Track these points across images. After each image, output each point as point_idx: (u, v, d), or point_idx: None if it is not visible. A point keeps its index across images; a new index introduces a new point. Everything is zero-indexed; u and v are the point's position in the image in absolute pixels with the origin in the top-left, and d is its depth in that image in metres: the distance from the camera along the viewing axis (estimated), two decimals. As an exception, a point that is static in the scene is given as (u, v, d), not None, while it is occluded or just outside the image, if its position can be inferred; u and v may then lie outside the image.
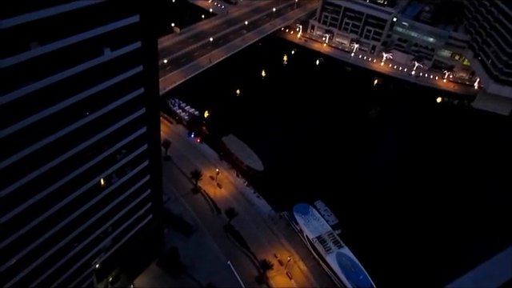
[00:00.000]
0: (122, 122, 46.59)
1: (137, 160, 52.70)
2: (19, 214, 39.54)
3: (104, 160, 47.04)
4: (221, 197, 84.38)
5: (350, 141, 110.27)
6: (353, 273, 68.67)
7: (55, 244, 46.42)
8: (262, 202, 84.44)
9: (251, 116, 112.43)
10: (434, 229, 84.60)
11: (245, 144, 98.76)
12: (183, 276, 66.02)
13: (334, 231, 76.92)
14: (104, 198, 50.20)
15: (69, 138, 40.57)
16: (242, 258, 72.19)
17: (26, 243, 42.58)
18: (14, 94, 33.24)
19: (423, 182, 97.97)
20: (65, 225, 46.06)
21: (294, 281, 69.62)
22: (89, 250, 53.01)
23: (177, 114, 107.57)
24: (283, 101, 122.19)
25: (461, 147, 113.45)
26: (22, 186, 38.21)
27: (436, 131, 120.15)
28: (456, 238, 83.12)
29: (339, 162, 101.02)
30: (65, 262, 49.40)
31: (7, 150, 35.52)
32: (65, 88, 37.65)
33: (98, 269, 56.53)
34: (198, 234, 74.61)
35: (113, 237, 56.62)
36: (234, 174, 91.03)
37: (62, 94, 37.92)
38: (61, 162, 41.07)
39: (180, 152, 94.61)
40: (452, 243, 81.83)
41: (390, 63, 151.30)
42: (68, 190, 44.09)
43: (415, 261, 76.65)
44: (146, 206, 60.20)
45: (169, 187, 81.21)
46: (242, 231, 76.60)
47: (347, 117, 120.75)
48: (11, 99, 33.20)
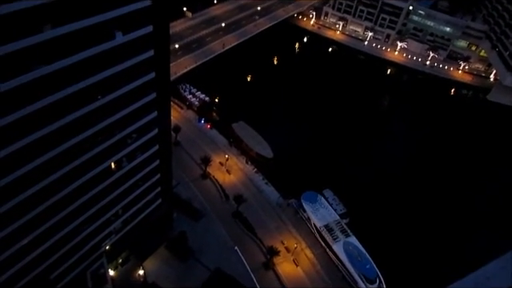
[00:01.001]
0: (132, 107, 46.87)
1: (147, 144, 53.14)
2: (32, 196, 40.38)
3: (115, 144, 47.52)
4: (229, 183, 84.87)
5: (361, 130, 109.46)
6: (359, 262, 68.90)
7: (67, 225, 47.44)
8: (271, 189, 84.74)
9: (262, 103, 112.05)
10: (443, 222, 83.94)
11: (254, 131, 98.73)
12: (191, 260, 66.97)
13: (342, 220, 77.01)
14: (114, 182, 50.92)
15: (81, 121, 40.98)
16: (249, 243, 72.87)
17: (40, 224, 43.57)
18: (27, 77, 33.56)
19: (434, 175, 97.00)
20: (77, 206, 46.96)
21: (301, 268, 70.17)
22: (99, 232, 54.11)
23: (187, 99, 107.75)
24: (294, 88, 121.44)
25: (474, 140, 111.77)
26: (35, 168, 38.91)
27: (449, 123, 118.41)
28: (465, 233, 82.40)
29: (349, 152, 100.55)
30: (76, 242, 50.54)
31: (21, 132, 36.09)
32: (77, 72, 37.88)
33: (108, 250, 57.79)
34: (206, 219, 75.38)
35: (123, 220, 57.61)
36: (243, 161, 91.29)
37: (74, 78, 38.18)
38: (73, 144, 41.62)
39: (190, 137, 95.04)
40: (461, 238, 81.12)
41: (404, 52, 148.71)
42: (80, 172, 44.79)
43: (422, 253, 76.51)
44: (156, 190, 60.93)
45: (178, 172, 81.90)
46: (250, 217, 77.16)
47: (359, 106, 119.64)
48: (24, 82, 33.53)
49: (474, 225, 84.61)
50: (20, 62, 32.94)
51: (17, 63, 32.71)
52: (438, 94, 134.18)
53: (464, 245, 78.75)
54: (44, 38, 33.28)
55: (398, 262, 72.77)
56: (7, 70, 32.31)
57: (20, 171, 37.79)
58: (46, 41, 33.51)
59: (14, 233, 41.04)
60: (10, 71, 32.51)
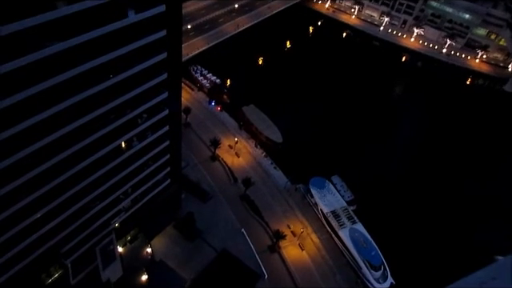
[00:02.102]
0: (144, 87, 46.89)
1: (157, 125, 53.36)
2: (46, 171, 41.14)
3: (126, 123, 47.80)
4: (238, 166, 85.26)
5: (372, 117, 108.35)
6: (364, 249, 69.23)
7: (79, 201, 48.37)
8: (279, 173, 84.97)
9: (273, 87, 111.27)
10: (452, 215, 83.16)
11: (265, 115, 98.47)
12: (198, 240, 67.98)
13: (349, 207, 77.14)
14: (125, 161, 51.46)
15: (93, 99, 41.22)
16: (255, 226, 73.59)
17: (52, 199, 44.50)
18: (40, 53, 33.70)
19: (445, 166, 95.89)
20: (88, 183, 47.73)
21: (306, 252, 70.82)
22: (109, 210, 55.05)
23: (198, 81, 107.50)
24: (306, 73, 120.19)
25: (488, 131, 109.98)
26: (49, 144, 39.53)
27: (463, 113, 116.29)
28: (474, 226, 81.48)
29: (359, 139, 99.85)
30: (87, 218, 51.58)
31: (37, 107, 36.56)
32: (89, 50, 37.88)
33: (117, 228, 58.90)
34: (214, 200, 76.13)
35: (132, 198, 58.46)
36: (252, 144, 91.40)
37: (87, 56, 38.23)
38: (85, 122, 42.01)
39: (200, 119, 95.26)
40: (468, 231, 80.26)
41: (420, 39, 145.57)
42: (91, 150, 45.32)
43: (428, 244, 76.35)
44: (165, 170, 61.50)
45: (187, 153, 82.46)
46: (258, 201, 77.71)
47: (371, 93, 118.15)
48: (38, 58, 33.69)
49: (484, 219, 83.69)
50: (34, 38, 33.03)
51: (31, 39, 32.81)
52: (453, 83, 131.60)
53: (471, 238, 78.09)
54: (58, 15, 33.22)
55: (403, 251, 72.95)
56: (23, 45, 32.47)
57: (34, 146, 38.44)
58: (60, 18, 33.44)
59: (28, 207, 42.04)
60: (25, 47, 32.68)
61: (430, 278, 69.85)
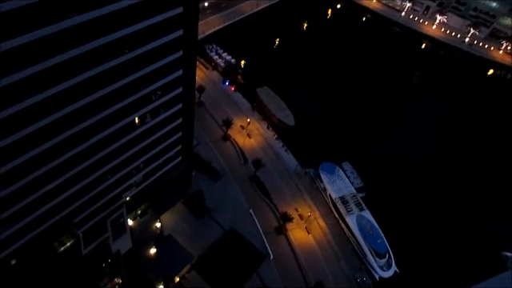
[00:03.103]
0: (158, 64, 46.92)
1: (170, 102, 53.59)
2: (61, 142, 42.00)
3: (140, 99, 48.14)
4: (249, 147, 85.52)
5: (387, 105, 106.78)
6: (371, 236, 69.47)
7: (92, 174, 49.39)
8: (290, 156, 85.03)
9: (288, 69, 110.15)
10: (461, 207, 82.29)
11: (278, 97, 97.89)
12: (206, 217, 69.04)
13: (358, 194, 77.12)
14: (137, 136, 52.08)
15: (108, 74, 41.49)
16: (263, 207, 74.29)
17: (67, 170, 45.55)
18: (59, 26, 33.89)
19: (459, 158, 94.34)
20: (101, 157, 48.60)
21: (312, 236, 71.44)
22: (121, 183, 56.10)
23: (213, 60, 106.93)
24: (323, 56, 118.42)
25: (507, 124, 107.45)
26: (65, 115, 40.19)
27: (482, 106, 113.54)
28: (483, 219, 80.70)
29: (373, 126, 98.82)
30: (99, 191, 52.72)
31: (52, 80, 37.01)
32: (106, 24, 37.88)
33: (128, 202, 60.10)
34: (224, 180, 76.83)
35: (143, 173, 59.38)
36: (264, 126, 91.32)
37: (104, 31, 38.28)
38: (100, 96, 42.45)
39: (213, 99, 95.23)
40: (477, 224, 79.61)
41: (442, 27, 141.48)
42: (106, 124, 45.94)
43: (435, 234, 76.18)
44: (177, 147, 62.08)
45: (200, 132, 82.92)
46: (267, 182, 78.16)
47: (388, 79, 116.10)
48: (56, 30, 33.91)
49: (495, 213, 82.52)
50: (53, 10, 33.16)
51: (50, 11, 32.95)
52: (473, 73, 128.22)
53: (479, 232, 77.46)
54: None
55: (409, 240, 73.03)
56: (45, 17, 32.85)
57: (52, 117, 39.14)
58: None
59: (44, 176, 43.14)
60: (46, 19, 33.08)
61: (434, 269, 70.21)
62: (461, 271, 69.46)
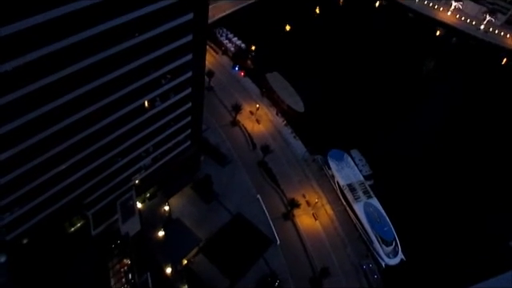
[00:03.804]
0: (168, 47, 46.74)
1: (180, 87, 53.55)
2: (72, 124, 42.42)
3: (149, 83, 48.23)
4: (258, 132, 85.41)
5: (398, 93, 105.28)
6: (378, 223, 69.48)
7: (102, 156, 49.96)
8: (298, 142, 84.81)
9: (298, 55, 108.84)
10: (471, 198, 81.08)
11: (288, 83, 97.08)
12: (214, 202, 69.56)
13: (366, 181, 76.87)
14: (147, 120, 52.33)
15: (118, 56, 41.47)
16: (271, 193, 74.53)
17: (78, 152, 46.14)
18: (70, 7, 33.83)
19: (470, 148, 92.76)
20: (111, 139, 49.07)
21: (319, 222, 71.69)
22: (131, 166, 56.68)
23: (223, 44, 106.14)
24: (334, 43, 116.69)
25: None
26: (76, 98, 40.50)
27: (495, 95, 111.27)
28: (492, 210, 79.84)
29: (383, 114, 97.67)
30: (109, 173, 53.40)
31: (65, 61, 37.16)
32: (115, 8, 37.72)
33: (137, 184, 60.75)
34: (232, 165, 77.06)
35: (153, 157, 59.84)
36: (273, 112, 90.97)
37: (113, 14, 38.11)
38: (111, 79, 42.57)
39: (223, 83, 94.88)
40: (486, 215, 78.89)
41: (457, 14, 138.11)
42: (116, 107, 46.19)
43: (442, 224, 75.70)
44: (186, 132, 62.27)
45: (208, 117, 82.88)
46: (275, 168, 78.25)
47: (399, 66, 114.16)
48: (69, 11, 33.86)
49: (504, 205, 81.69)
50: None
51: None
52: (488, 61, 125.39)
53: (487, 223, 76.78)
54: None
55: (416, 229, 72.83)
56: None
57: (64, 99, 39.45)
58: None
59: (55, 157, 43.75)
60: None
61: (440, 258, 70.16)
62: (467, 262, 69.35)
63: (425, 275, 67.68)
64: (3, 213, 44.03)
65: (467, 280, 63.53)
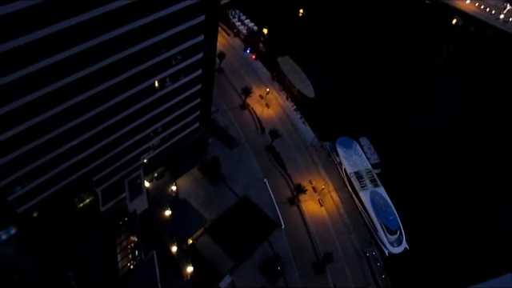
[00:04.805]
0: (180, 27, 46.33)
1: (191, 68, 53.33)
2: (84, 101, 42.74)
3: (160, 63, 48.05)
4: (267, 116, 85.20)
5: (411, 82, 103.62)
6: (383, 212, 69.56)
7: (112, 134, 50.39)
8: (307, 128, 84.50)
9: (311, 40, 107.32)
10: (479, 190, 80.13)
11: (299, 68, 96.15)
12: (221, 184, 70.06)
13: (374, 170, 76.65)
14: (157, 100, 52.41)
15: (128, 36, 41.30)
16: (278, 178, 74.80)
17: (88, 129, 46.59)
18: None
19: (482, 141, 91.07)
20: (121, 118, 49.35)
21: (324, 208, 71.96)
22: (139, 146, 57.15)
23: (235, 26, 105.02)
24: (347, 28, 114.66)
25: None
26: (88, 75, 40.65)
27: (510, 88, 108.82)
28: (499, 204, 79.29)
29: (394, 103, 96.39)
30: (118, 151, 53.96)
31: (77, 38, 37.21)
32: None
33: (145, 164, 61.37)
34: (240, 148, 77.25)
35: (161, 137, 60.19)
36: (283, 96, 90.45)
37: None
38: (121, 58, 42.53)
39: (233, 66, 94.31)
40: (493, 209, 78.30)
41: (476, 2, 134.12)
42: (126, 86, 46.27)
43: (448, 215, 75.32)
44: (195, 113, 62.34)
45: (218, 99, 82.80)
46: (283, 153, 78.33)
47: (413, 54, 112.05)
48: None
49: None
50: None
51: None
52: (506, 52, 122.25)
53: (494, 217, 76.26)
54: None
55: (421, 219, 72.60)
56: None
57: (74, 76, 39.59)
58: None
59: (65, 134, 44.29)
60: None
61: (443, 250, 70.12)
62: (471, 259, 68.72)
63: (427, 266, 67.87)
64: (14, 186, 44.99)
65: (468, 278, 62.81)
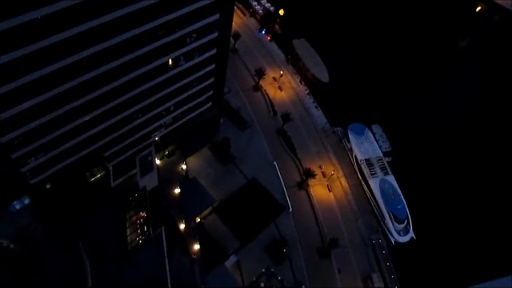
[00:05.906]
0: (195, 5, 45.78)
1: (205, 47, 52.93)
2: (97, 77, 42.88)
3: (174, 41, 47.74)
4: (280, 99, 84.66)
5: (427, 70, 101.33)
6: (392, 201, 69.35)
7: (124, 110, 50.69)
8: (319, 113, 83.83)
9: (328, 24, 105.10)
10: (490, 184, 78.69)
11: (315, 51, 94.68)
12: (231, 165, 70.41)
13: (385, 158, 76.08)
14: (170, 78, 52.35)
15: (143, 13, 40.98)
16: (288, 161, 74.82)
17: (101, 104, 46.90)
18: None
19: (496, 134, 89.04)
20: (134, 95, 49.52)
21: (333, 194, 72.01)
22: (151, 123, 57.51)
23: (252, 6, 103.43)
24: (364, 13, 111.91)
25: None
26: (103, 50, 40.67)
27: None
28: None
29: (409, 91, 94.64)
30: (130, 128, 54.38)
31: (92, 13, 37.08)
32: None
33: (157, 141, 61.85)
34: (251, 130, 77.21)
35: (173, 116, 60.40)
36: (297, 80, 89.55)
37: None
38: (136, 34, 42.34)
39: (248, 47, 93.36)
40: (504, 204, 77.23)
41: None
42: (140, 63, 46.22)
43: (457, 207, 74.54)
44: (207, 93, 62.24)
45: (231, 80, 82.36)
46: (294, 137, 78.11)
47: (432, 42, 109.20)
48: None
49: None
50: None
51: None
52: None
53: (505, 213, 75.33)
54: None
55: (430, 210, 72.25)
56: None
57: (89, 51, 39.63)
58: None
59: (79, 108, 44.71)
60: None
61: (450, 242, 69.79)
62: (475, 258, 68.18)
63: (432, 257, 67.68)
64: (28, 158, 45.86)
65: (471, 277, 62.03)
